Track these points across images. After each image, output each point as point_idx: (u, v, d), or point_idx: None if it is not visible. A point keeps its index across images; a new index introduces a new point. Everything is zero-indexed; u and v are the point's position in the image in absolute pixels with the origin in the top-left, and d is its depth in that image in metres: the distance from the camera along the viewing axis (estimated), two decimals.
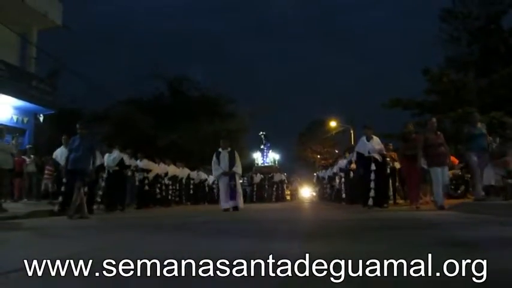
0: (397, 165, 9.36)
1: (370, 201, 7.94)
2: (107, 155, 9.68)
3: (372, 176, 8.05)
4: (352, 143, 21.58)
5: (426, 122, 7.51)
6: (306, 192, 32.86)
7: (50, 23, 15.22)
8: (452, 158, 8.60)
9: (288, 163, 44.95)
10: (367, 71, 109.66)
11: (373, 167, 8.07)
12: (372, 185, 8.01)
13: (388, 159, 9.10)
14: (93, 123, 25.71)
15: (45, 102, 14.23)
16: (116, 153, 9.81)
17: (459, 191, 9.67)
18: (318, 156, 40.40)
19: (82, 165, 6.52)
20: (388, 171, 9.23)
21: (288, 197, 24.81)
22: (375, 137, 8.44)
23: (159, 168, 12.84)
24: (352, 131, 26.23)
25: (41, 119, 14.82)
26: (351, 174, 10.85)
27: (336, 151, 34.41)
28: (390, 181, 9.56)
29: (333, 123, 30.15)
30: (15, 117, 13.74)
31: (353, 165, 10.40)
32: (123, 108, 24.60)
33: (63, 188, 7.27)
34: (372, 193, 7.97)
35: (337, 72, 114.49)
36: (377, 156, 8.15)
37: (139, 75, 37.43)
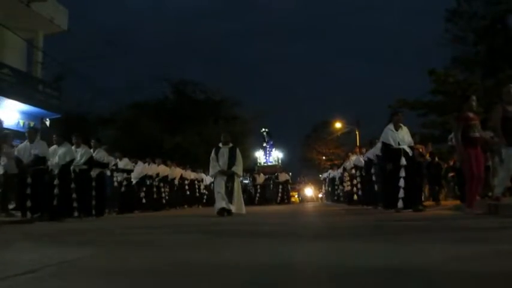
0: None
1: (400, 203, 6.60)
2: (73, 148, 8.22)
3: (402, 172, 6.70)
4: (357, 143, 21.45)
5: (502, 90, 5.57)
6: (313, 193, 32.76)
7: (56, 28, 15.41)
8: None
9: (292, 163, 44.52)
10: (371, 72, 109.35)
11: (403, 161, 6.74)
12: (401, 183, 6.67)
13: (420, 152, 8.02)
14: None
15: (51, 107, 14.34)
16: (84, 149, 8.43)
17: None
18: (323, 158, 40.24)
19: None
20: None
21: (294, 199, 24.51)
22: (404, 127, 7.09)
23: (148, 168, 12.00)
24: (357, 132, 26.14)
25: (47, 123, 14.93)
26: (372, 171, 9.24)
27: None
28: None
29: (338, 125, 30.03)
30: (21, 122, 13.84)
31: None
32: (129, 112, 24.79)
33: (29, 191, 7.03)
34: (401, 193, 6.62)
35: (340, 74, 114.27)
36: (407, 149, 6.86)
37: (144, 79, 37.64)
